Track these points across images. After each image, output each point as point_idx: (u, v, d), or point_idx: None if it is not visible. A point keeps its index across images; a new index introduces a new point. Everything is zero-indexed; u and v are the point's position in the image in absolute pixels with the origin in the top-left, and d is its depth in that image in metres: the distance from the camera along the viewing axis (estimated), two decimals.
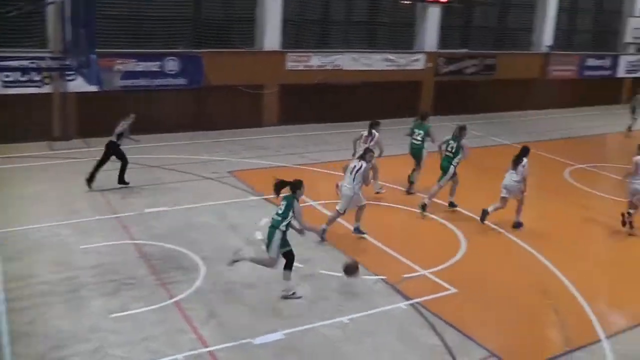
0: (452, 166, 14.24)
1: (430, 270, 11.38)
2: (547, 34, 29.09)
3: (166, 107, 20.54)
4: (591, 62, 30.97)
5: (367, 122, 15.40)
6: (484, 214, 13.69)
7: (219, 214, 13.51)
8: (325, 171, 17.07)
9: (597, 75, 31.34)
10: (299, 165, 17.66)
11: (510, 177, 13.53)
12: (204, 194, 14.74)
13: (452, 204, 14.71)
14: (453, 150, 14.21)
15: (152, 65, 19.99)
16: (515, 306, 10.49)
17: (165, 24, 20.50)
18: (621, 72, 32.51)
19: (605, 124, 26.76)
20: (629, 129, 25.09)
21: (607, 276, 12.03)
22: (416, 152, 15.81)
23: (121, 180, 14.93)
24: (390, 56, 24.61)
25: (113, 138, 14.67)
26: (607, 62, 31.73)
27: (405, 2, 24.96)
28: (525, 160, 13.45)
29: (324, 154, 19.02)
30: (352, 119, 23.39)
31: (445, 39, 26.26)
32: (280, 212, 9.98)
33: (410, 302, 10.25)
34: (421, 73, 25.51)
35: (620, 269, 12.35)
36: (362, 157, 12.63)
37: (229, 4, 21.93)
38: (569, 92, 30.04)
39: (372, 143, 14.65)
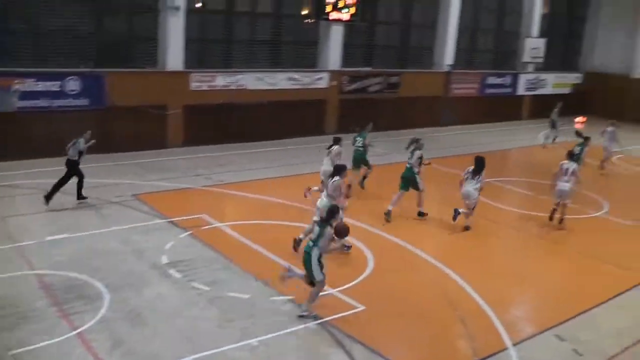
0: (416, 176, 15.51)
1: (338, 288, 11.47)
2: (448, 53, 30.24)
3: (67, 128, 20.02)
4: (492, 80, 32.42)
5: (272, 141, 15.57)
6: (456, 213, 14.94)
7: (123, 239, 13.33)
8: (232, 192, 17.07)
9: (498, 93, 32.84)
10: (206, 186, 17.58)
11: (470, 186, 14.95)
12: (107, 218, 14.50)
13: (420, 214, 15.70)
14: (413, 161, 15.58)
15: (52, 85, 19.55)
16: (424, 320, 10.79)
17: (66, 41, 20.08)
18: (521, 90, 34.19)
19: (507, 139, 27.94)
20: (553, 140, 26.70)
21: (512, 287, 12.51)
22: (360, 157, 17.71)
23: (80, 196, 15.27)
24: (295, 75, 24.91)
25: (74, 157, 14.98)
26: (507, 80, 33.29)
27: (309, 20, 25.44)
28: (483, 170, 14.96)
29: (230, 174, 19.00)
30: (257, 139, 23.69)
31: (349, 57, 26.83)
32: (314, 238, 10.44)
33: (319, 321, 10.34)
34: (325, 91, 25.96)
35: (525, 280, 12.87)
36: (336, 172, 13.12)
37: (131, 22, 21.77)
38: (471, 109, 31.29)
39: (331, 156, 15.76)
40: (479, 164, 15.04)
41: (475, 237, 15.05)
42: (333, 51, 26.13)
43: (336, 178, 12.83)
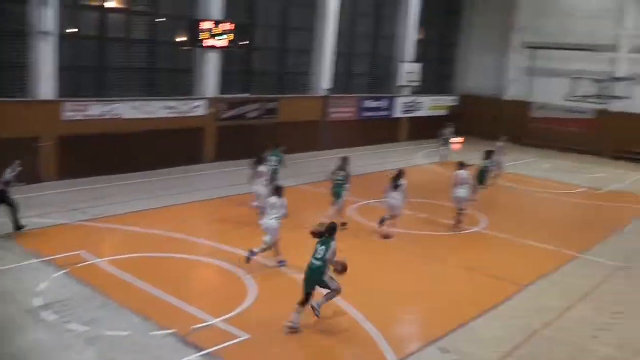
0: (344, 192, 17.40)
1: (221, 318, 11.52)
2: (325, 78, 31.03)
3: None
4: (369, 103, 33.48)
5: (150, 172, 15.44)
6: (382, 220, 17.10)
7: None
8: (111, 226, 16.81)
9: (376, 116, 33.94)
10: (83, 221, 17.15)
11: (394, 197, 17.00)
12: None
13: (343, 224, 17.11)
14: (342, 179, 17.49)
15: None
16: (309, 346, 11.00)
17: None
18: (398, 113, 35.45)
19: (385, 161, 28.76)
20: (444, 159, 28.74)
21: (395, 303, 13.01)
22: (275, 174, 19.24)
23: (18, 226, 15.66)
24: (171, 103, 24.78)
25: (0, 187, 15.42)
26: (384, 104, 34.45)
27: (185, 47, 25.47)
28: (403, 181, 17.03)
29: (109, 207, 18.64)
30: (135, 170, 23.22)
31: (226, 84, 26.97)
32: (319, 256, 11.52)
33: (203, 353, 10.30)
34: (203, 119, 25.94)
35: (408, 295, 13.49)
36: (277, 193, 14.34)
37: None
38: (350, 132, 32.12)
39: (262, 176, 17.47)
40: (398, 176, 17.15)
41: (360, 261, 14.80)
42: (210, 78, 26.23)
43: (275, 198, 14.21)
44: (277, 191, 14.38)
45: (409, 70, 35.17)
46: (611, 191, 26.02)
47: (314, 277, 11.50)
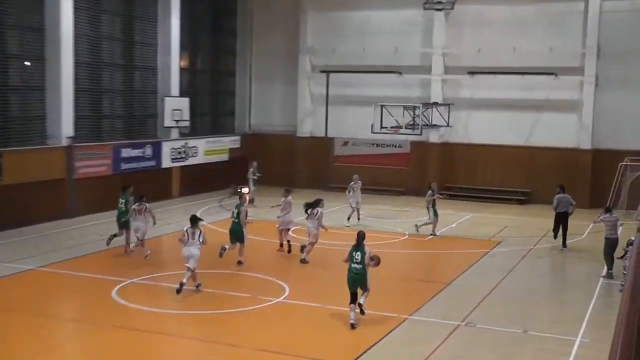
0: (244, 228, 21.79)
1: None
2: (66, 122, 28.89)
3: None
4: (128, 152, 31.81)
5: None
6: (302, 249, 22.55)
7: None
8: None
9: (139, 168, 32.30)
10: None
11: (310, 224, 22.42)
12: None
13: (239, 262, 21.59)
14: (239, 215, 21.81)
15: None
16: None
17: None
18: (167, 162, 34.12)
19: (156, 228, 27.15)
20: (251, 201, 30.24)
21: None
22: (121, 216, 23.12)
23: None
24: None
25: None
26: (147, 151, 32.96)
27: None
28: (318, 209, 22.39)
29: None
30: None
31: None
32: (359, 260, 16.32)
33: None
34: None
35: None
36: (194, 222, 19.07)
37: None
38: (106, 191, 30.04)
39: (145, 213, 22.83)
40: (311, 204, 22.61)
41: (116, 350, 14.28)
42: None
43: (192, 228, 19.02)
44: (193, 221, 19.11)
45: (175, 107, 34.15)
46: (440, 236, 27.25)
47: (360, 279, 16.32)
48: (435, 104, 35.49)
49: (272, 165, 38.03)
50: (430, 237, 26.69)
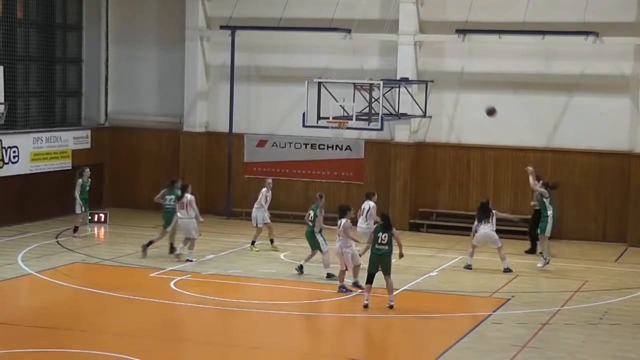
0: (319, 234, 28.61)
1: None
2: None
3: None
4: None
5: None
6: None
7: None
8: None
9: None
10: None
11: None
12: None
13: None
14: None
15: None
16: None
17: None
18: None
19: None
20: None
21: None
22: (169, 216, 30.71)
23: None
24: None
25: None
26: None
27: None
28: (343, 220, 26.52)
29: None
30: None
31: None
32: (385, 241, 24.14)
33: None
34: None
35: None
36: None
37: None
38: None
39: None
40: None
41: None
42: None
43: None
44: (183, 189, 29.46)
45: None
46: (409, 290, 27.44)
47: (385, 259, 24.07)
48: (405, 80, 34.96)
49: (140, 178, 38.55)
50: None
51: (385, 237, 23.81)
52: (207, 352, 21.29)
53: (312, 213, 28.54)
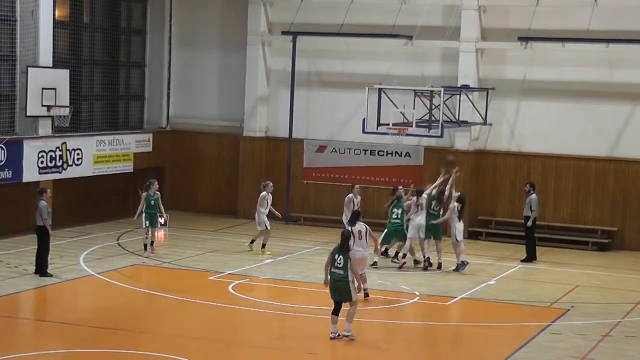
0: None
1: None
2: None
3: None
4: None
5: None
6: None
7: None
8: None
9: None
10: None
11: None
12: None
13: None
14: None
15: None
16: None
17: None
18: (31, 173, 33.77)
19: None
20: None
21: None
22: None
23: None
24: None
25: None
26: None
27: None
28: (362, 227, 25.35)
29: None
30: None
31: None
32: (341, 265, 20.56)
33: None
34: None
35: None
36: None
37: None
38: None
39: None
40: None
41: None
42: None
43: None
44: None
45: (46, 84, 33.49)
46: (466, 298, 27.48)
47: (342, 286, 20.77)
48: (466, 87, 34.75)
49: (200, 181, 38.54)
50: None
51: (340, 259, 20.61)
52: (263, 356, 21.32)
53: (397, 211, 29.93)
